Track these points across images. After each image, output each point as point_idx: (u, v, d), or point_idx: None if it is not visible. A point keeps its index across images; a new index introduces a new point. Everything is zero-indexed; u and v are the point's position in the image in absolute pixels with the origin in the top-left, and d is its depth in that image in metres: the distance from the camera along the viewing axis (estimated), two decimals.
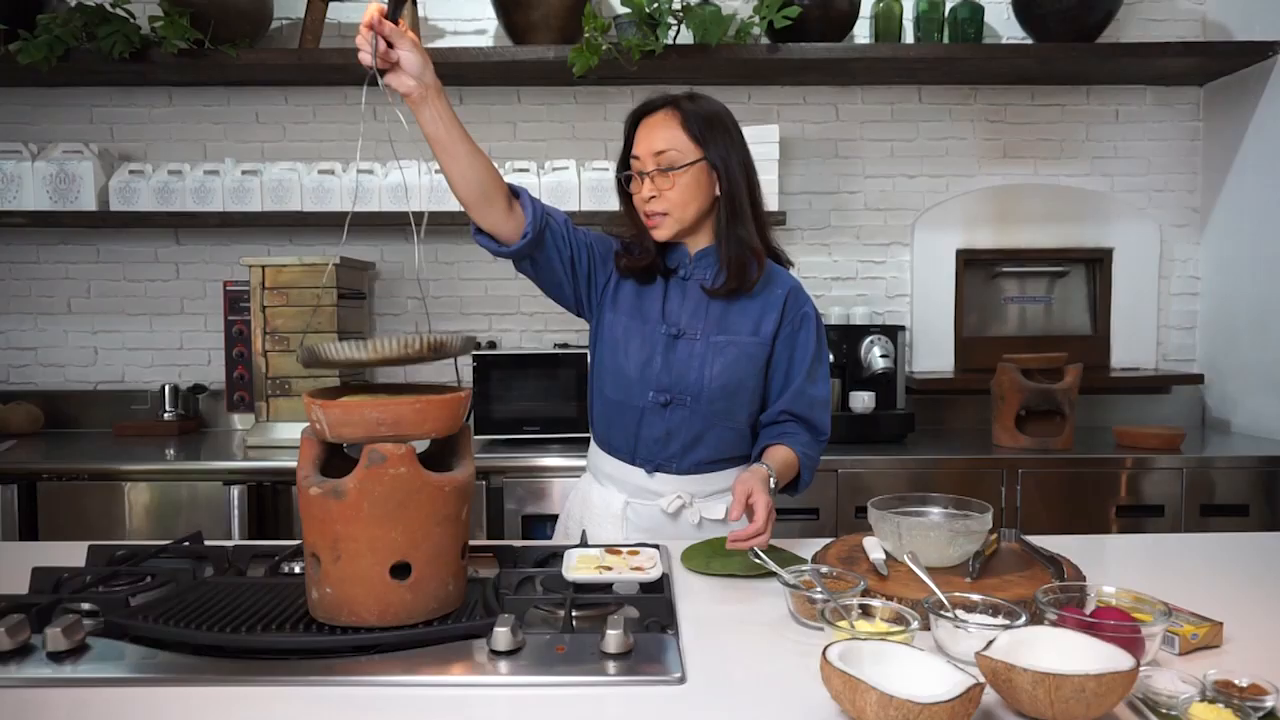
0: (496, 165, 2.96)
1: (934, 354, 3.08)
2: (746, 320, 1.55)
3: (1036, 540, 1.43)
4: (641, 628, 1.10)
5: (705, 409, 1.54)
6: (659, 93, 1.55)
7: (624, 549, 1.33)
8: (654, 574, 1.21)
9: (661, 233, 1.53)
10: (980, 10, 2.83)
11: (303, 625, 1.09)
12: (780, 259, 1.63)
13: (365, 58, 1.26)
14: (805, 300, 1.60)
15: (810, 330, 1.58)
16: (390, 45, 1.27)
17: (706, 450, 1.57)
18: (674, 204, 1.50)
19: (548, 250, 1.52)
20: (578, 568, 1.23)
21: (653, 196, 1.50)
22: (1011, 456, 2.53)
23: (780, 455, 1.52)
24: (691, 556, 1.42)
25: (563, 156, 2.91)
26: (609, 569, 1.23)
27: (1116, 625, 1.00)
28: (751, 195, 1.54)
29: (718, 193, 1.53)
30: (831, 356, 2.69)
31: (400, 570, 1.08)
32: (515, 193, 1.49)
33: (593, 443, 1.69)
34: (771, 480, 1.43)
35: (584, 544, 1.40)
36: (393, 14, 1.25)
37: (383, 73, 1.28)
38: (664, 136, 1.48)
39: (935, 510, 1.40)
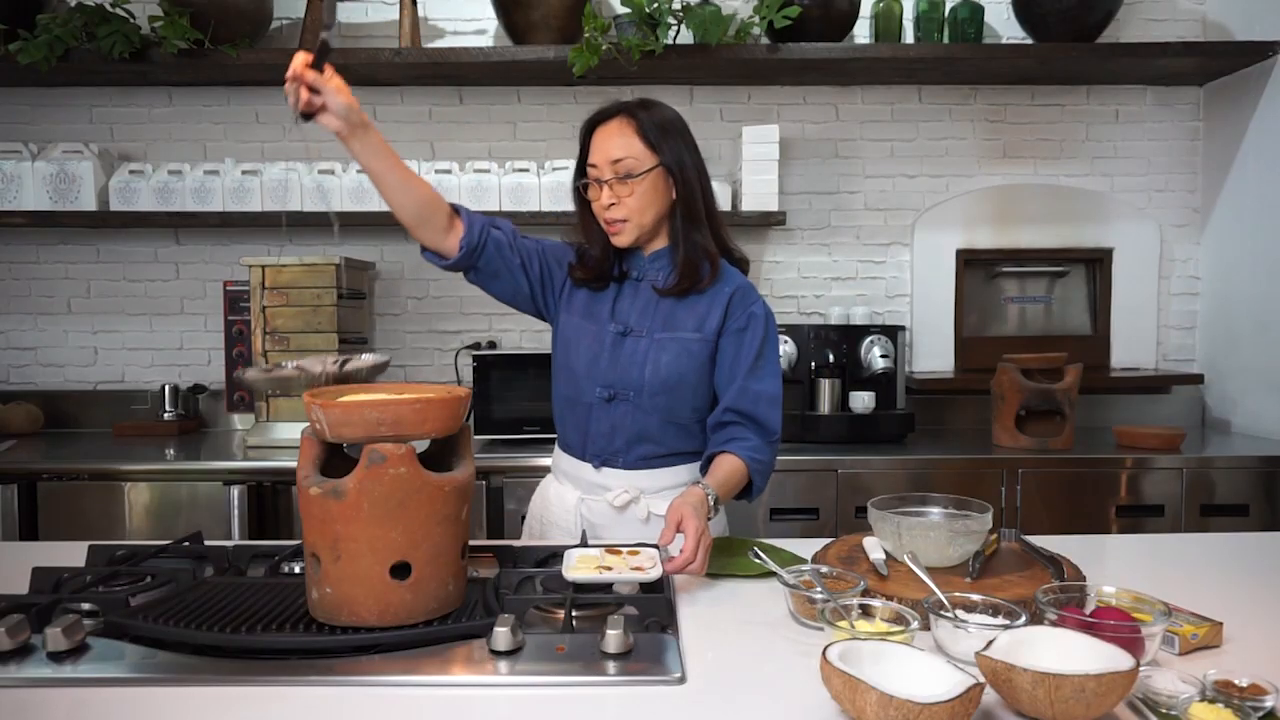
0: (497, 165, 2.97)
1: (934, 354, 3.08)
2: (692, 317, 1.58)
3: (1036, 540, 1.43)
4: (641, 628, 1.10)
5: (647, 403, 1.57)
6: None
7: (624, 549, 1.32)
8: (654, 574, 1.21)
9: (623, 239, 1.56)
10: (980, 10, 2.83)
11: (303, 625, 1.09)
12: (734, 259, 1.66)
13: (291, 100, 1.35)
14: (754, 300, 1.61)
15: (757, 329, 1.59)
16: (317, 91, 1.35)
17: (652, 445, 1.60)
18: (633, 210, 1.54)
19: (492, 260, 1.59)
20: (577, 567, 1.23)
21: (613, 203, 1.54)
22: (1011, 456, 2.53)
23: (724, 469, 1.50)
24: None
25: (563, 156, 2.91)
26: (609, 569, 1.23)
27: (1116, 625, 1.00)
28: (705, 198, 1.59)
29: (674, 197, 1.57)
30: (832, 357, 2.69)
31: (400, 570, 1.08)
32: (457, 210, 1.57)
33: (556, 442, 1.74)
34: (711, 498, 1.41)
35: (584, 544, 1.40)
36: (318, 63, 1.34)
37: (311, 115, 1.37)
38: (620, 144, 1.52)
39: (935, 510, 1.40)
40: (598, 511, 1.62)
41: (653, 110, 1.56)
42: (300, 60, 1.32)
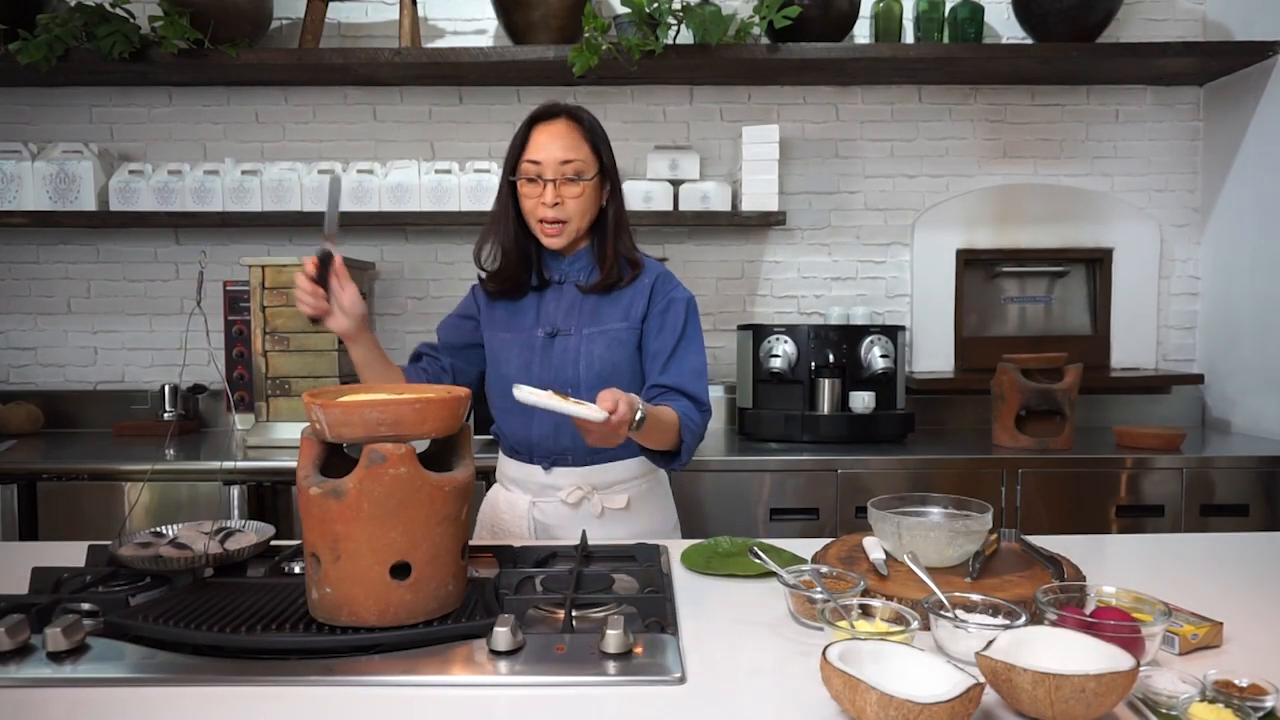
0: (496, 165, 2.97)
1: (934, 354, 3.08)
2: (617, 310, 1.62)
3: (1036, 540, 1.44)
4: (641, 628, 1.10)
5: (586, 398, 1.56)
6: (553, 99, 1.64)
7: (572, 399, 1.31)
8: (597, 416, 1.24)
9: (559, 240, 1.59)
10: (980, 10, 2.83)
11: (303, 625, 1.09)
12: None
13: (305, 309, 1.42)
14: (675, 286, 1.65)
15: (679, 311, 1.62)
16: (328, 292, 1.41)
17: None
18: (575, 213, 1.57)
19: (452, 367, 1.70)
20: (527, 396, 1.25)
21: (558, 203, 1.56)
22: (1011, 456, 2.52)
23: (658, 409, 1.47)
24: (691, 556, 1.42)
25: None
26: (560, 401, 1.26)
27: (1116, 625, 1.00)
28: (623, 204, 1.67)
29: (604, 202, 1.61)
30: (832, 357, 2.69)
31: (400, 570, 1.08)
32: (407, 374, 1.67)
33: (500, 450, 1.75)
34: (640, 408, 1.36)
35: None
36: (323, 272, 1.42)
37: (319, 319, 1.43)
38: (568, 145, 1.55)
39: (935, 510, 1.40)
40: (550, 513, 1.64)
41: (588, 115, 1.61)
42: (310, 266, 1.40)
